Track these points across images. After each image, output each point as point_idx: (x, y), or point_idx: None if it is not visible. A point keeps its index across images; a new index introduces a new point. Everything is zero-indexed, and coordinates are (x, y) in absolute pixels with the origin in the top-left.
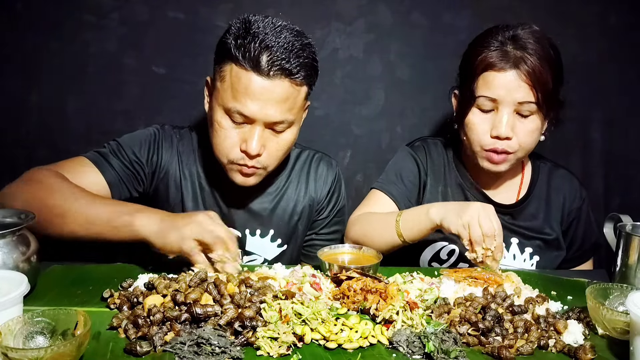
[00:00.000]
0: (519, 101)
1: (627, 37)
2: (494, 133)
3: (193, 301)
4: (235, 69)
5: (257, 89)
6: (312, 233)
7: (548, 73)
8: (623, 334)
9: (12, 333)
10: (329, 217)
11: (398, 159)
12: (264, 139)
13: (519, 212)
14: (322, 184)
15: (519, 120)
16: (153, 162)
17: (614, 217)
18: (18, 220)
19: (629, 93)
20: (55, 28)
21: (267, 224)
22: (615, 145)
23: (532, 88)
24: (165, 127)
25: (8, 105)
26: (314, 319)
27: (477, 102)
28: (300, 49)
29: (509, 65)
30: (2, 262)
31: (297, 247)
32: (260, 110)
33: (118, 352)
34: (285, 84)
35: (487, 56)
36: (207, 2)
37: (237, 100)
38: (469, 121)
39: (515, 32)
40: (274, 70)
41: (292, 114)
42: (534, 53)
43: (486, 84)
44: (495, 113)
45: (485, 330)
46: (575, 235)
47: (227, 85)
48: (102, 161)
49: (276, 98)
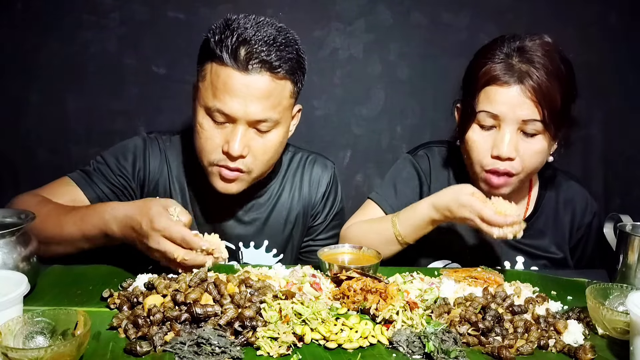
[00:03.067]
0: (523, 119)
1: (627, 37)
2: (495, 152)
3: (193, 301)
4: (215, 67)
5: (236, 84)
6: (309, 239)
7: (556, 89)
8: (623, 334)
9: (12, 333)
10: (325, 221)
11: (398, 168)
12: (247, 139)
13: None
14: (316, 187)
15: (523, 140)
16: (140, 176)
17: (614, 217)
18: (18, 220)
19: (629, 93)
20: (55, 28)
21: (260, 235)
22: (615, 145)
23: (537, 105)
24: (151, 136)
25: (8, 105)
26: (314, 319)
27: (477, 117)
28: (282, 43)
29: (513, 80)
30: (2, 262)
31: (294, 255)
32: (241, 107)
33: (118, 352)
34: (265, 78)
35: (490, 69)
36: (207, 2)
37: (216, 98)
38: (469, 138)
39: (523, 43)
40: (252, 63)
41: (276, 112)
42: (541, 67)
43: (488, 99)
44: (497, 130)
45: (485, 330)
46: (584, 251)
47: (207, 84)
48: (85, 180)
49: (257, 94)
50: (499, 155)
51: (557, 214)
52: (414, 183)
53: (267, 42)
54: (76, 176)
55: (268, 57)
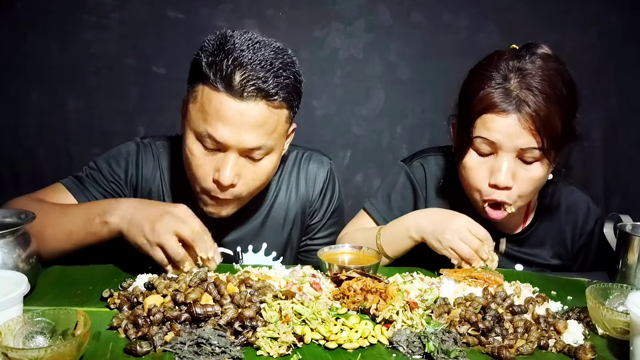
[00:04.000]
0: (521, 147)
1: (627, 37)
2: (492, 181)
3: (193, 301)
4: (207, 90)
5: (229, 112)
6: (307, 238)
7: (556, 115)
8: (623, 334)
9: (12, 333)
10: (323, 219)
11: (393, 179)
12: (239, 168)
13: (525, 240)
14: (312, 185)
15: (521, 167)
16: (132, 182)
17: (614, 217)
18: (18, 220)
19: (629, 93)
20: (55, 28)
21: (259, 238)
22: (615, 146)
23: (536, 133)
24: (145, 141)
25: (8, 105)
26: (314, 319)
27: (474, 143)
28: (280, 68)
29: (511, 108)
30: (2, 262)
31: (294, 256)
32: (233, 136)
33: (118, 352)
34: (261, 106)
35: (487, 96)
36: (207, 2)
37: (208, 123)
38: (466, 164)
39: (522, 62)
40: (248, 90)
41: (271, 139)
42: (539, 93)
43: (484, 126)
44: (495, 157)
45: (485, 330)
46: (587, 257)
47: (198, 107)
48: (77, 186)
49: (251, 123)
50: (497, 184)
51: (557, 223)
52: (408, 194)
53: (263, 67)
54: (68, 182)
55: (265, 84)
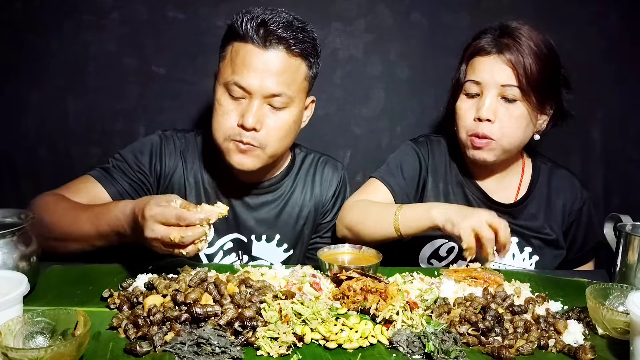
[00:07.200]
0: (502, 84)
1: (627, 37)
2: (476, 115)
3: (193, 301)
4: (236, 45)
5: (254, 60)
6: (317, 236)
7: (534, 61)
8: (623, 334)
9: (12, 333)
10: (333, 220)
11: (401, 152)
12: (261, 114)
13: (519, 212)
14: (327, 187)
15: (502, 105)
16: (156, 170)
17: (614, 217)
18: (18, 220)
19: (629, 93)
20: (55, 28)
21: (273, 229)
22: (615, 146)
23: (514, 71)
24: (167, 133)
25: (8, 105)
26: (314, 319)
27: (464, 87)
28: (299, 28)
29: (494, 50)
30: (2, 262)
31: (304, 251)
32: (257, 81)
33: (118, 352)
34: (281, 54)
35: (477, 43)
36: (207, 2)
37: (235, 73)
38: (457, 107)
39: (510, 24)
40: (270, 39)
41: (290, 89)
42: (521, 42)
43: (473, 69)
44: (480, 98)
45: (485, 330)
46: (576, 236)
47: (227, 63)
48: (106, 177)
49: (273, 69)
50: (479, 117)
51: (549, 197)
52: (415, 165)
53: (284, 24)
54: (97, 174)
55: (285, 33)
